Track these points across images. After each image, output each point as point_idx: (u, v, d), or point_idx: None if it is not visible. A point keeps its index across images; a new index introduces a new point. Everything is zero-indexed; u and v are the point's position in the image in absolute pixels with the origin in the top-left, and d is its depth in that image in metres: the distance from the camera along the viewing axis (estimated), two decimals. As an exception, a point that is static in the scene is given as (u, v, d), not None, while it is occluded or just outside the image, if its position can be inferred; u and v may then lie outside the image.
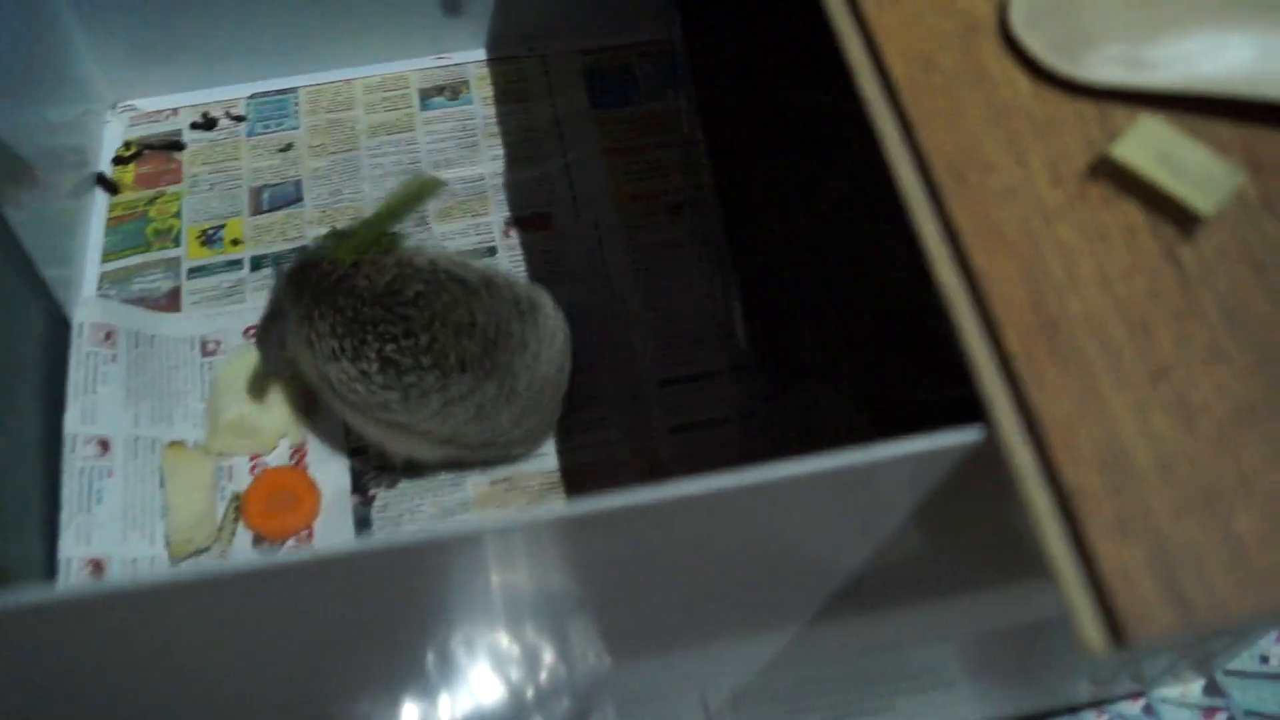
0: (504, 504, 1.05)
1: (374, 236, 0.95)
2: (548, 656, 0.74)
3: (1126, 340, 0.51)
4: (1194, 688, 0.94)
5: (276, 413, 1.06)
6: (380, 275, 0.95)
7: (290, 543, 1.02)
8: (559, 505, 0.55)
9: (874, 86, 0.60)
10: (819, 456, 0.52)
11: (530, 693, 0.79)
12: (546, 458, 1.07)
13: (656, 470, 1.06)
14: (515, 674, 0.75)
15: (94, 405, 1.04)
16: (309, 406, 1.09)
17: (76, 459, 1.01)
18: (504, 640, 0.70)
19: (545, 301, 0.99)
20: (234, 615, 0.59)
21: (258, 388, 1.07)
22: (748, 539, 0.61)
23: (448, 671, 0.72)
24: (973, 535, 0.62)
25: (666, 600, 0.69)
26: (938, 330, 1.00)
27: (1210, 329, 0.51)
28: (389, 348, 0.93)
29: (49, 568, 0.97)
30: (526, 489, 1.06)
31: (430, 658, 0.70)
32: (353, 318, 0.94)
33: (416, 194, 0.97)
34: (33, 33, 1.15)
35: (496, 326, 0.94)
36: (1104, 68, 0.58)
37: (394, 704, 0.75)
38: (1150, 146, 0.55)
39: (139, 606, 0.56)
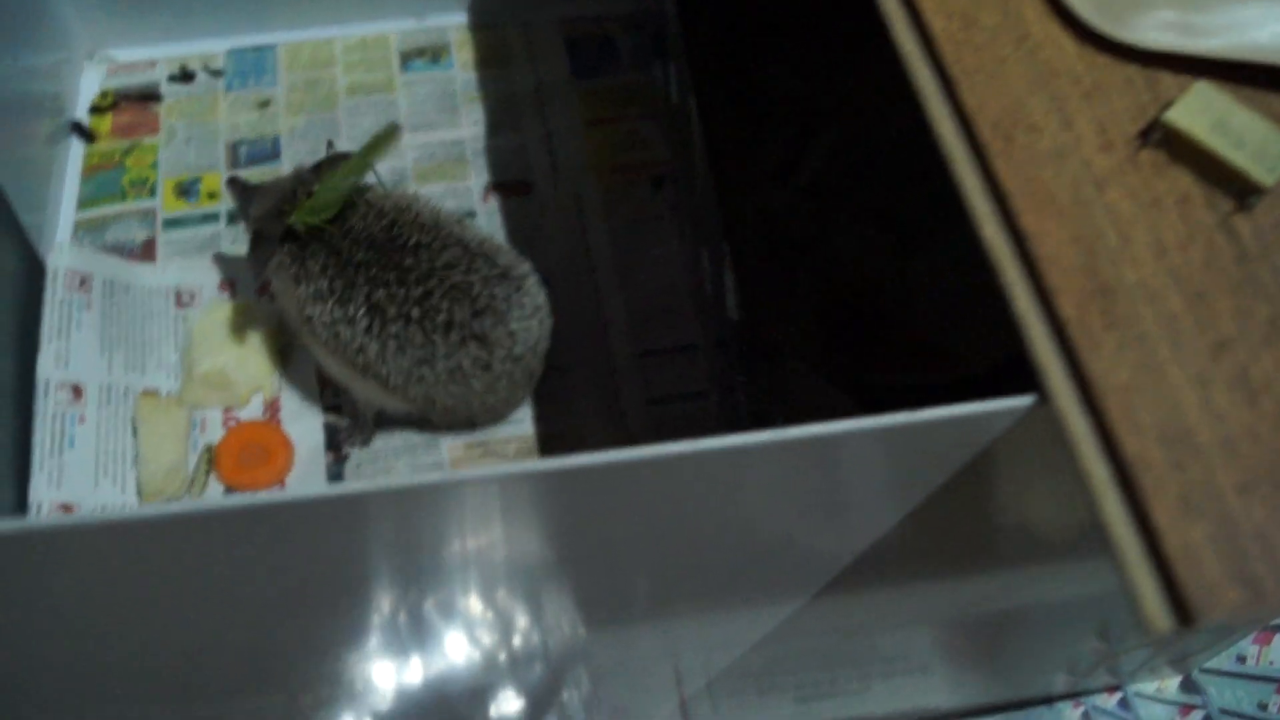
0: (476, 465, 1.00)
1: (337, 196, 0.91)
2: (523, 622, 0.70)
3: (1184, 312, 0.47)
4: (1170, 684, 0.91)
5: (251, 367, 1.01)
6: (378, 220, 0.90)
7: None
8: (545, 460, 0.51)
9: (911, 41, 0.56)
10: (865, 418, 0.48)
11: (503, 658, 0.75)
12: (522, 424, 1.03)
13: (631, 442, 1.02)
14: (488, 638, 0.71)
15: (67, 350, 0.98)
16: (284, 362, 1.04)
17: (49, 403, 0.96)
18: (478, 603, 0.66)
19: (532, 279, 0.94)
20: (199, 559, 0.55)
21: (237, 337, 1.01)
22: (772, 505, 0.57)
23: (419, 632, 0.68)
24: (996, 513, 0.59)
25: (656, 569, 0.65)
26: (925, 317, 0.97)
27: (1270, 304, 0.47)
28: (379, 293, 0.89)
29: (19, 511, 0.92)
30: (502, 455, 1.01)
31: (401, 617, 0.66)
32: (346, 260, 0.89)
33: (377, 144, 0.92)
34: (12, -25, 1.09)
35: (489, 295, 0.90)
36: (1153, 32, 0.54)
37: (365, 664, 0.71)
38: (1206, 114, 0.51)
39: (105, 541, 0.51)
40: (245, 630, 0.64)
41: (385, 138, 0.93)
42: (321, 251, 0.90)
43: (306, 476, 0.99)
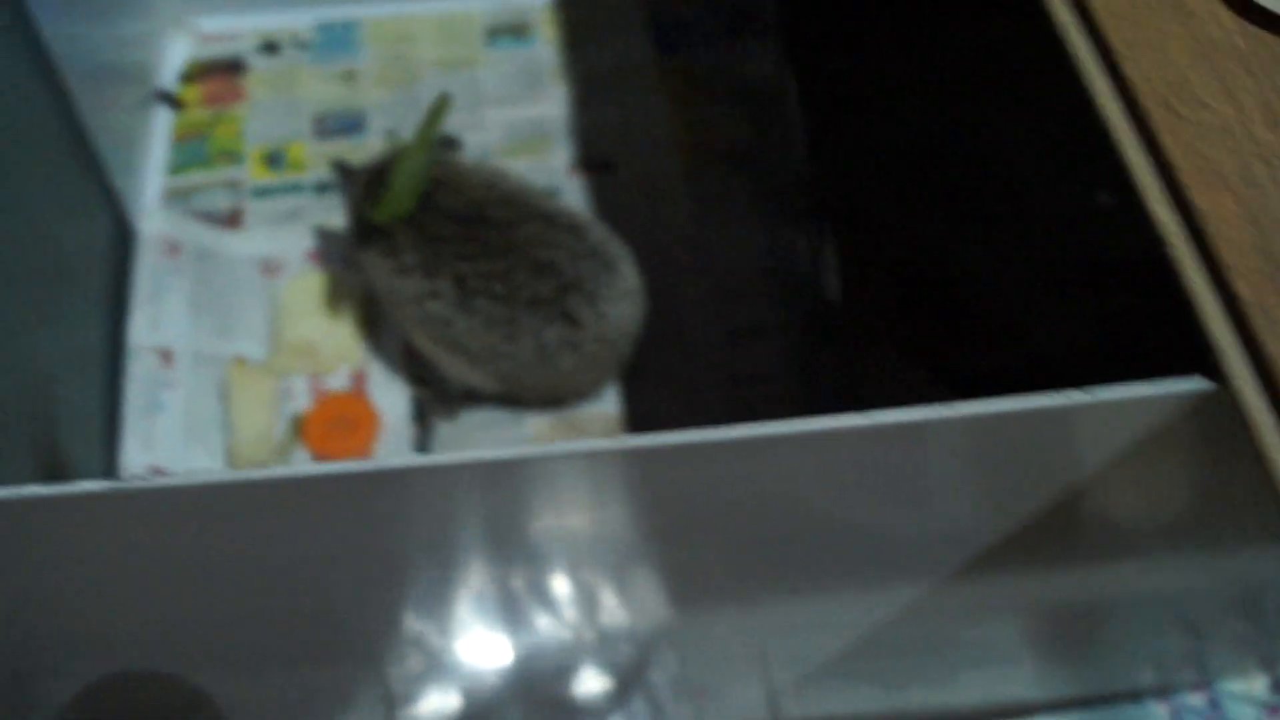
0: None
1: (411, 184, 0.88)
2: (608, 600, 0.68)
3: (1367, 294, 0.45)
4: (1259, 683, 0.89)
5: (339, 336, 1.00)
6: (462, 195, 0.88)
7: (348, 468, 0.96)
8: (630, 438, 0.49)
9: (1066, 11, 0.53)
10: (1018, 397, 0.46)
11: (588, 636, 0.73)
12: (608, 403, 1.01)
13: (714, 422, 1.00)
14: (573, 615, 0.69)
15: (158, 316, 0.97)
16: (372, 332, 1.02)
17: (140, 368, 0.94)
18: (562, 579, 0.64)
19: (625, 259, 0.92)
20: (285, 524, 0.54)
21: (325, 306, 1.00)
22: (908, 487, 0.55)
23: (505, 608, 0.67)
24: (1127, 507, 0.56)
25: (747, 553, 0.63)
26: (1012, 303, 0.95)
27: None
28: (463, 266, 0.87)
29: (110, 475, 0.91)
30: (588, 433, 0.99)
31: (487, 592, 0.64)
32: (433, 235, 0.87)
33: (431, 120, 0.90)
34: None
35: (574, 273, 0.88)
36: (1319, 9, 0.52)
37: (449, 639, 0.69)
38: (1380, 92, 0.48)
39: (195, 504, 0.51)
40: (330, 598, 0.63)
41: (437, 111, 0.91)
42: (407, 228, 0.88)
43: (392, 449, 0.97)
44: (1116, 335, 0.91)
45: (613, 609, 0.69)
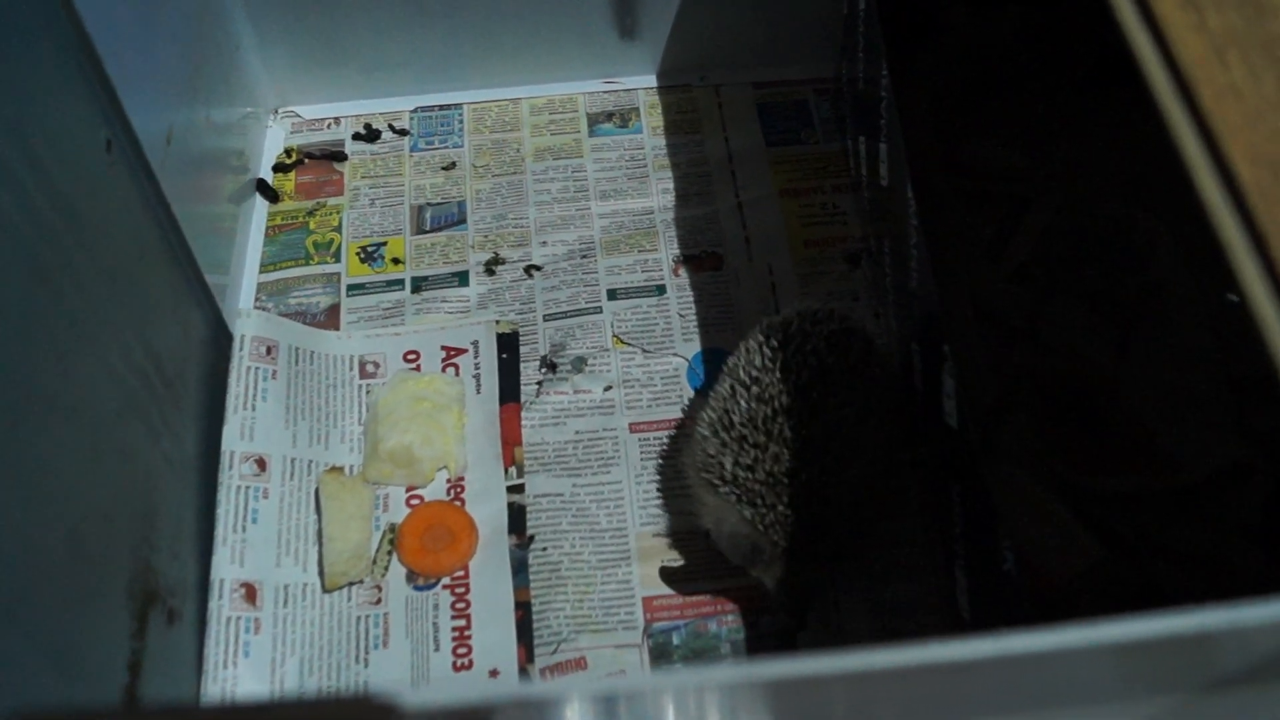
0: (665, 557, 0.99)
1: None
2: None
3: None
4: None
5: (438, 444, 1.02)
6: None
7: (444, 581, 0.98)
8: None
9: (1216, 191, 0.54)
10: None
11: None
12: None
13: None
14: None
15: (253, 421, 1.00)
16: (469, 439, 1.05)
17: (233, 476, 0.97)
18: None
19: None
20: None
21: (422, 413, 1.02)
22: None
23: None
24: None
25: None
26: (1142, 415, 0.95)
27: None
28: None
29: (201, 587, 0.94)
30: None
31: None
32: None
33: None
34: (204, 30, 1.12)
35: None
36: None
37: None
38: None
39: None
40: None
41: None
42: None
43: (489, 560, 0.99)
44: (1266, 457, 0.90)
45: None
